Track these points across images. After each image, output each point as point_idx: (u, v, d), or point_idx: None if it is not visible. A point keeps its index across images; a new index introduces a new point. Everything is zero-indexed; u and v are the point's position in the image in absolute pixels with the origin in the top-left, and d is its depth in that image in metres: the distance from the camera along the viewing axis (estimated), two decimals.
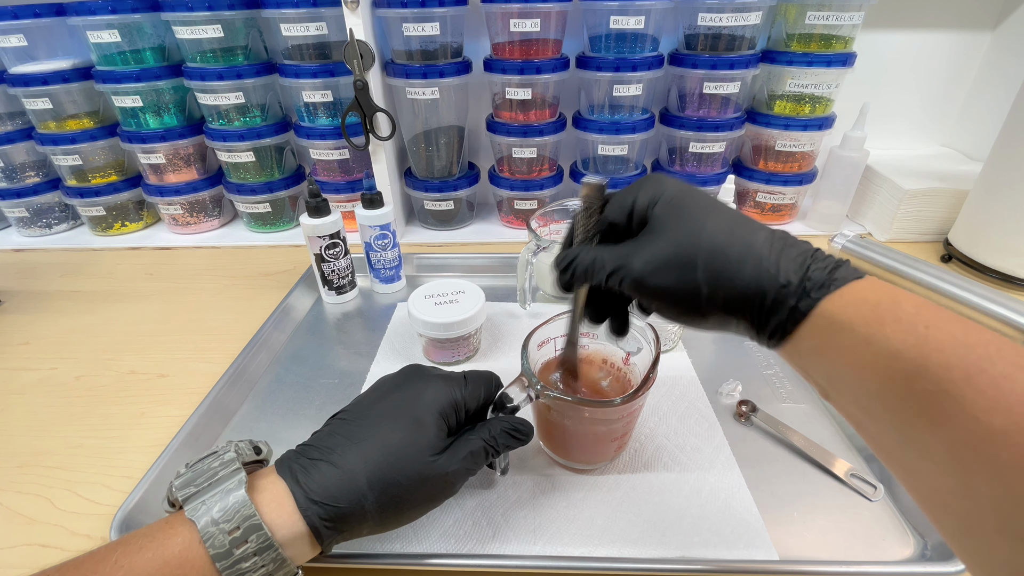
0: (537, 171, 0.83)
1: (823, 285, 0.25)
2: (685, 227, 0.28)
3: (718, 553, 0.37)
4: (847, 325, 0.24)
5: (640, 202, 0.30)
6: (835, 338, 0.25)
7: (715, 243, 0.27)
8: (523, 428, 0.37)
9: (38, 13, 0.76)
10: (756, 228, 0.28)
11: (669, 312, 0.30)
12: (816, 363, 0.26)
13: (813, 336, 0.26)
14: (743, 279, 0.26)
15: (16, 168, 0.87)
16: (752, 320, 0.27)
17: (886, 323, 0.23)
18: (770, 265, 0.26)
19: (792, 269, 0.26)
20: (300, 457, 0.32)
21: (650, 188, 0.30)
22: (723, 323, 0.28)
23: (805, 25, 0.73)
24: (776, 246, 0.27)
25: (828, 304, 0.25)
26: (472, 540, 0.39)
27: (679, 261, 0.28)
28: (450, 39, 0.74)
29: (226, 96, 0.78)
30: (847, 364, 0.24)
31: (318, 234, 0.62)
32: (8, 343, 0.63)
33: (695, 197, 0.29)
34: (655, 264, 0.28)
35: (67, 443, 0.49)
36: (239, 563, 0.28)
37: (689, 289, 0.27)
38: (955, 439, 0.21)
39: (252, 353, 0.57)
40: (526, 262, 0.59)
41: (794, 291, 0.26)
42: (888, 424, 0.24)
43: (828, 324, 0.25)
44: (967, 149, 0.88)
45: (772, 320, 0.26)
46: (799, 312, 0.26)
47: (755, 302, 0.26)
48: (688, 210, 0.29)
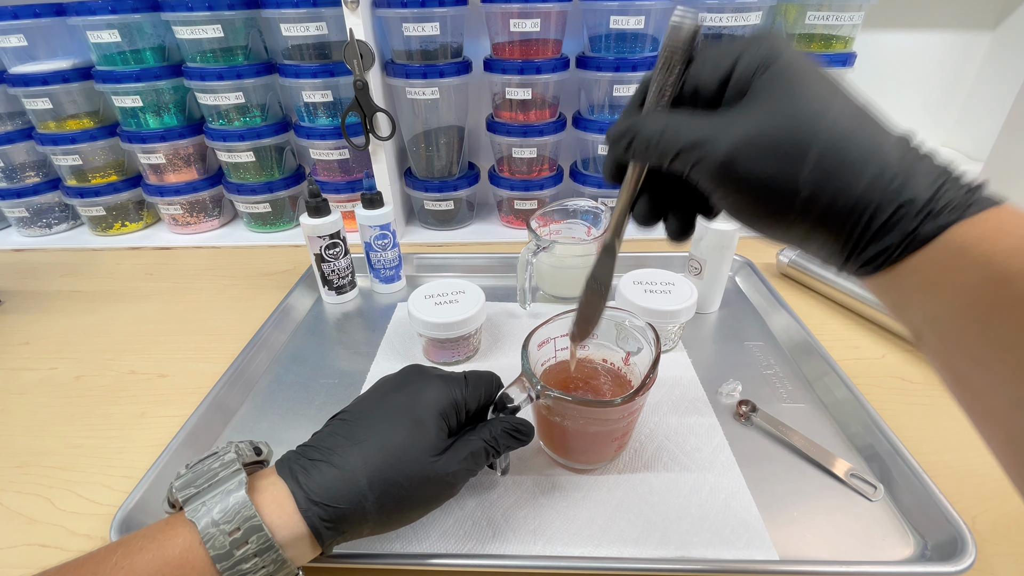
0: (537, 171, 0.83)
1: (958, 207, 0.21)
2: (802, 104, 0.22)
3: (718, 553, 0.37)
4: (983, 258, 0.20)
5: (744, 64, 0.23)
6: (961, 273, 0.20)
7: (837, 132, 0.22)
8: (524, 428, 0.37)
9: (38, 13, 0.76)
10: (887, 128, 0.23)
11: (749, 212, 0.24)
12: (922, 301, 0.22)
13: (927, 268, 0.21)
14: (859, 185, 0.21)
15: (16, 168, 0.87)
16: (849, 239, 0.22)
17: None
18: (897, 176, 0.21)
19: (922, 185, 0.21)
20: (300, 458, 0.32)
21: (760, 49, 0.23)
22: (809, 236, 0.23)
23: (805, 25, 0.73)
24: (910, 154, 0.22)
25: (962, 230, 0.20)
26: (472, 540, 0.39)
27: (786, 145, 0.22)
28: (450, 39, 0.74)
29: (226, 96, 0.78)
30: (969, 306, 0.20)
31: (318, 234, 0.62)
32: (8, 343, 0.63)
33: (819, 72, 0.23)
34: (752, 144, 0.22)
35: (67, 443, 0.49)
36: (240, 564, 0.28)
37: (788, 185, 0.22)
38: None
39: (252, 353, 0.57)
40: (526, 262, 0.59)
41: (917, 210, 0.21)
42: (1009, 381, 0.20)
43: (956, 256, 0.20)
44: (967, 149, 0.88)
45: (877, 243, 0.22)
46: (918, 237, 0.21)
47: (864, 217, 0.22)
48: (808, 85, 0.23)
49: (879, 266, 0.22)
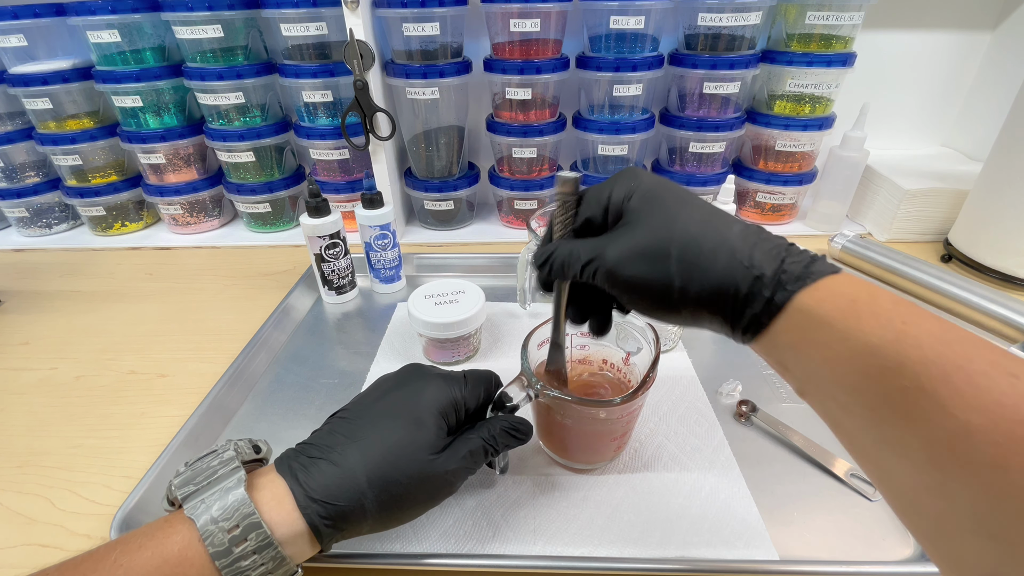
0: (537, 171, 0.83)
1: (799, 278, 0.25)
2: (659, 218, 0.28)
3: (718, 553, 0.37)
4: (824, 319, 0.24)
5: (616, 195, 0.30)
6: (811, 332, 0.24)
7: (688, 234, 0.27)
8: (522, 427, 0.37)
9: (38, 13, 0.76)
10: (730, 221, 0.28)
11: (642, 305, 0.29)
12: (792, 358, 0.26)
13: (789, 330, 0.25)
14: (716, 271, 0.26)
15: (16, 168, 0.87)
16: (726, 313, 0.27)
17: (863, 318, 0.23)
18: (744, 257, 0.26)
19: (767, 261, 0.26)
20: (300, 455, 0.32)
21: (625, 181, 0.30)
22: (696, 317, 0.28)
23: (805, 25, 0.73)
24: (750, 239, 0.27)
25: (804, 297, 0.24)
26: (472, 540, 0.39)
27: (652, 252, 0.27)
28: (450, 39, 0.74)
29: (226, 96, 0.78)
30: (823, 359, 0.24)
31: (318, 234, 0.62)
32: (8, 343, 0.63)
33: (670, 190, 0.29)
34: (628, 255, 0.28)
35: (67, 443, 0.49)
36: (238, 561, 0.28)
37: (662, 281, 0.27)
38: (931, 437, 0.21)
39: (252, 353, 0.57)
40: (526, 262, 0.59)
41: (769, 283, 0.25)
42: (864, 421, 0.23)
43: (804, 318, 0.24)
44: (967, 149, 0.88)
45: (747, 313, 0.26)
46: (774, 305, 0.25)
47: (728, 294, 0.26)
48: (663, 202, 0.29)
49: (755, 332, 0.26)
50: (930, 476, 0.21)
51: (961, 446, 0.20)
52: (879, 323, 0.23)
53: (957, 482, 0.20)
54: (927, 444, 0.21)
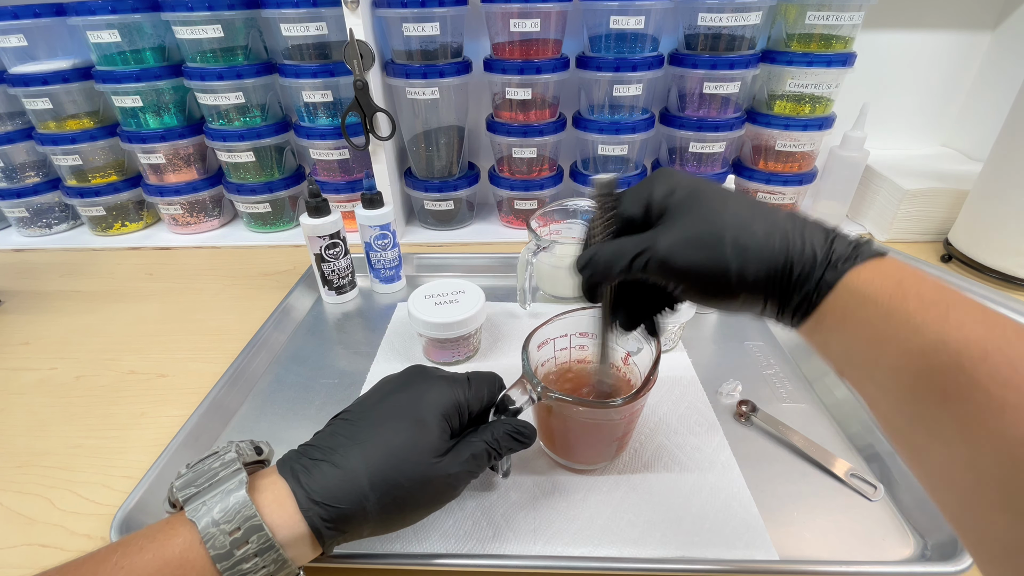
0: (537, 171, 0.83)
1: (848, 258, 0.26)
2: (708, 208, 0.29)
3: (718, 553, 0.38)
4: (871, 298, 0.25)
5: (657, 194, 0.30)
6: (858, 311, 0.25)
7: (741, 220, 0.28)
8: (525, 431, 0.37)
9: (38, 13, 0.76)
10: (775, 209, 0.29)
11: (698, 292, 0.30)
12: (835, 338, 0.27)
13: (836, 310, 0.26)
14: (772, 252, 0.27)
15: (16, 168, 0.87)
16: (779, 294, 0.27)
17: (909, 298, 0.24)
18: (796, 238, 0.27)
19: (818, 242, 0.27)
20: (302, 457, 0.32)
21: (665, 180, 0.31)
22: (750, 301, 0.28)
23: (805, 25, 0.73)
24: (798, 223, 0.28)
25: (853, 277, 0.25)
26: (472, 540, 0.39)
27: (706, 238, 0.28)
28: (450, 39, 0.74)
29: (226, 96, 0.78)
30: (867, 338, 0.25)
31: (318, 234, 0.62)
32: (8, 343, 0.63)
33: (711, 185, 0.30)
34: (682, 242, 0.28)
35: (67, 443, 0.49)
36: (240, 564, 0.28)
37: (718, 266, 0.28)
38: (965, 413, 0.21)
39: (252, 353, 0.57)
40: (526, 262, 0.59)
41: (821, 263, 0.26)
42: (900, 399, 0.24)
43: (852, 297, 0.25)
44: (967, 149, 0.88)
45: (798, 293, 0.27)
46: (825, 284, 0.26)
47: (783, 275, 0.27)
48: (707, 195, 0.29)
49: (805, 313, 0.27)
50: (961, 452, 0.22)
51: (994, 422, 0.20)
52: (923, 304, 0.23)
53: (987, 457, 0.21)
54: (961, 420, 0.22)
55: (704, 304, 0.30)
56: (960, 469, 0.22)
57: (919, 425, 0.23)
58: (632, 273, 0.30)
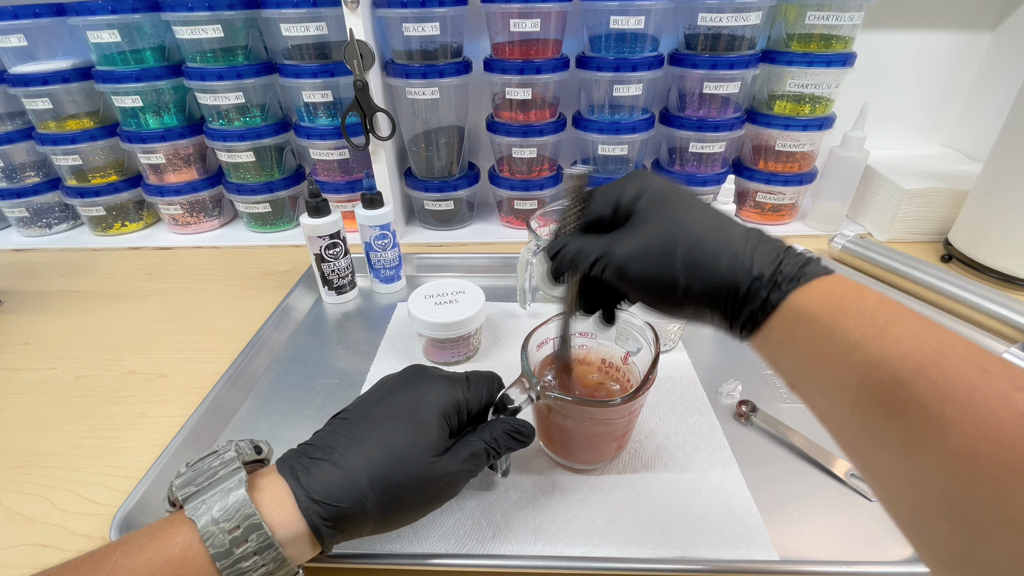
0: (537, 171, 0.83)
1: (793, 279, 0.27)
2: (667, 220, 0.30)
3: (718, 553, 0.38)
4: (813, 317, 0.25)
5: (625, 196, 0.32)
6: (802, 329, 0.26)
7: (694, 236, 0.29)
8: (524, 430, 0.37)
9: (38, 13, 0.76)
10: (733, 225, 0.29)
11: (647, 300, 0.31)
12: (784, 354, 0.27)
13: (782, 327, 0.27)
14: (719, 271, 0.28)
15: (16, 168, 0.87)
16: (725, 311, 0.28)
17: (849, 316, 0.24)
18: (745, 259, 0.28)
19: (765, 263, 0.27)
20: (301, 456, 0.32)
21: (635, 183, 0.32)
22: (698, 313, 0.30)
23: (805, 25, 0.73)
24: (751, 242, 0.28)
25: (797, 297, 0.26)
26: (472, 540, 0.39)
27: (659, 251, 0.29)
28: (450, 39, 0.74)
29: (226, 96, 0.78)
30: (812, 355, 0.26)
31: (318, 234, 0.62)
32: (8, 343, 0.63)
33: (678, 193, 0.31)
34: (637, 253, 0.30)
35: (67, 443, 0.49)
36: (239, 562, 0.28)
37: (667, 279, 0.29)
38: (907, 427, 0.22)
39: (252, 353, 0.57)
40: (526, 262, 0.59)
41: (766, 283, 0.27)
42: (848, 414, 0.25)
43: (796, 316, 0.26)
44: (967, 149, 0.88)
45: (744, 311, 0.28)
46: (769, 303, 0.27)
47: (729, 293, 0.28)
48: (670, 205, 0.30)
49: (752, 329, 0.28)
50: (906, 465, 0.22)
51: (933, 435, 0.21)
52: (863, 321, 0.24)
53: (930, 470, 0.21)
54: (903, 434, 0.22)
55: (654, 312, 0.32)
56: (906, 481, 0.22)
57: (866, 438, 0.24)
58: (592, 272, 0.32)
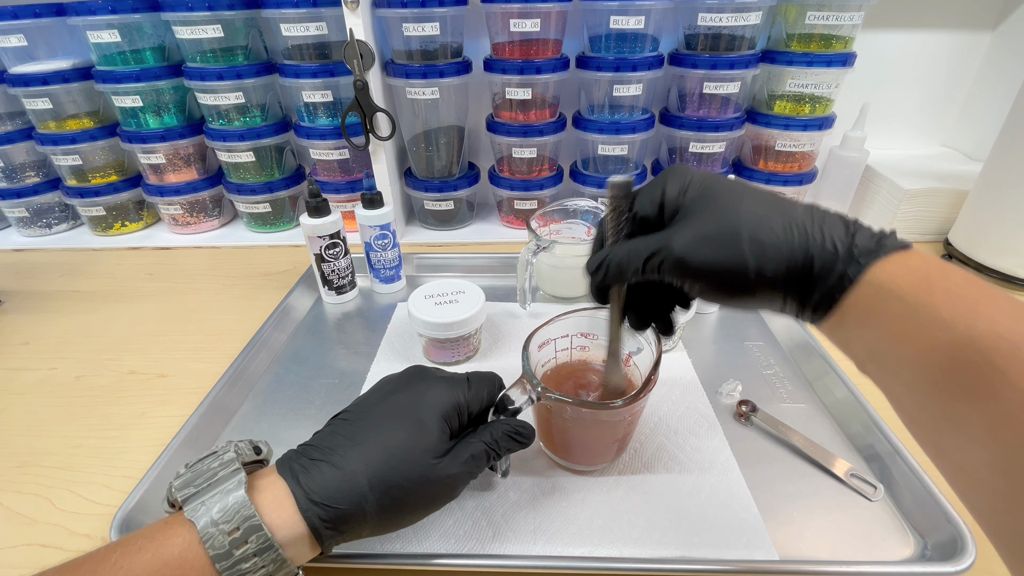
0: (537, 171, 0.83)
1: (871, 252, 0.25)
2: (723, 205, 0.28)
3: (718, 553, 0.37)
4: (895, 293, 0.24)
5: (670, 192, 0.30)
6: (882, 306, 0.24)
7: (756, 216, 0.27)
8: (524, 431, 0.37)
9: (38, 13, 0.76)
10: (792, 202, 0.28)
11: (715, 291, 0.29)
12: (860, 334, 0.26)
13: (859, 305, 0.25)
14: (790, 247, 0.26)
15: (16, 168, 0.87)
16: (799, 290, 0.27)
17: (936, 293, 0.23)
18: (815, 233, 0.26)
19: (838, 236, 0.26)
20: (301, 457, 0.32)
21: (677, 178, 0.30)
22: (769, 298, 0.28)
23: (805, 25, 0.73)
24: (817, 216, 0.27)
25: (876, 271, 0.25)
26: (472, 540, 0.39)
27: (723, 235, 0.27)
28: (450, 39, 0.74)
29: (226, 96, 0.78)
30: (892, 334, 0.24)
31: (318, 234, 0.62)
32: (8, 343, 0.63)
33: (725, 181, 0.30)
34: (698, 241, 0.28)
35: (67, 443, 0.49)
36: (239, 564, 0.28)
37: (736, 263, 0.27)
38: (996, 411, 0.21)
39: (252, 353, 0.57)
40: (526, 262, 0.59)
41: (843, 257, 0.25)
42: (927, 397, 0.23)
43: (875, 292, 0.24)
44: (967, 149, 0.88)
45: (819, 289, 0.26)
46: (847, 279, 0.25)
47: (803, 271, 0.26)
48: (721, 191, 0.29)
49: (827, 309, 0.26)
50: (990, 451, 0.21)
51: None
52: (951, 298, 0.23)
53: (1018, 455, 0.20)
54: (990, 419, 0.21)
55: (722, 303, 0.30)
56: (990, 469, 0.21)
57: (946, 423, 0.23)
58: (646, 274, 0.30)
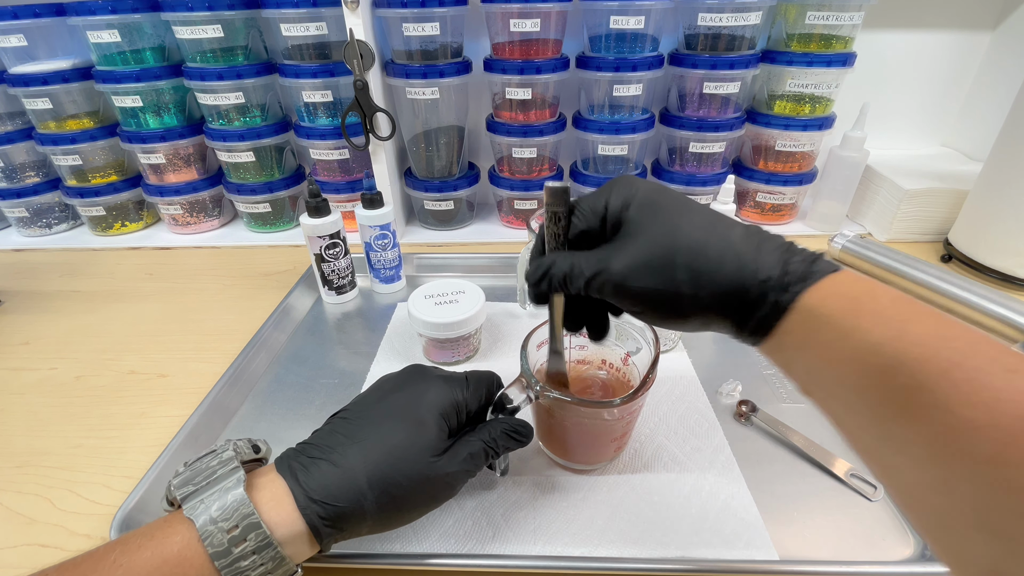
0: (537, 171, 0.83)
1: (802, 278, 0.25)
2: (662, 227, 0.28)
3: (718, 553, 0.37)
4: (826, 318, 0.24)
5: (613, 205, 0.30)
6: (815, 332, 0.25)
7: (693, 242, 0.27)
8: (523, 430, 0.37)
9: (38, 13, 0.76)
10: (731, 224, 0.28)
11: (651, 315, 0.29)
12: (796, 358, 0.26)
13: (794, 330, 0.25)
14: (724, 276, 0.26)
15: (16, 168, 0.87)
16: (734, 317, 0.27)
17: (863, 316, 0.23)
18: (749, 261, 0.26)
19: (771, 263, 0.26)
20: (300, 455, 0.32)
21: (622, 190, 0.30)
22: (705, 323, 0.28)
23: (805, 25, 0.73)
24: (752, 241, 0.27)
25: (808, 297, 0.25)
26: (472, 540, 0.39)
27: (660, 262, 0.27)
28: (450, 39, 0.74)
29: (226, 96, 0.78)
30: (826, 358, 0.24)
31: (318, 234, 0.62)
32: (8, 343, 0.63)
33: (669, 197, 0.29)
34: (636, 267, 0.28)
35: (67, 443, 0.49)
36: (238, 561, 0.28)
37: (671, 290, 0.27)
38: (932, 433, 0.21)
39: (252, 353, 0.57)
40: (526, 262, 0.59)
41: (774, 285, 0.26)
42: (866, 419, 0.23)
43: (808, 318, 0.25)
44: (967, 149, 0.88)
45: (754, 316, 0.26)
46: (780, 306, 0.25)
47: (737, 299, 0.26)
48: (663, 210, 0.29)
49: (763, 334, 0.27)
50: (932, 472, 0.21)
51: (961, 442, 0.20)
52: (879, 321, 0.23)
53: (958, 478, 0.20)
54: (928, 440, 0.21)
55: (659, 325, 0.30)
56: (932, 490, 0.21)
57: (888, 445, 0.23)
58: (587, 292, 0.30)
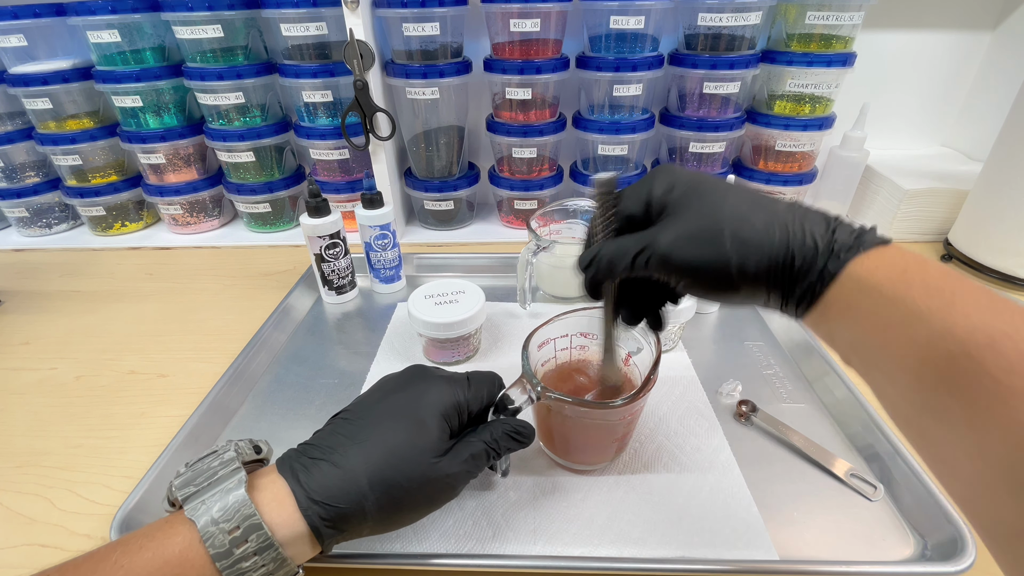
0: (537, 171, 0.83)
1: (851, 247, 0.26)
2: (707, 203, 0.29)
3: (718, 553, 0.37)
4: (875, 287, 0.24)
5: (657, 191, 0.31)
6: (862, 300, 0.25)
7: (739, 213, 0.28)
8: (524, 430, 0.37)
9: (38, 13, 0.76)
10: (775, 200, 0.29)
11: (699, 287, 0.30)
12: (842, 327, 0.27)
13: (840, 299, 0.26)
14: (771, 244, 0.27)
15: (16, 168, 0.87)
16: (781, 286, 0.27)
17: (914, 286, 0.24)
18: (796, 229, 0.27)
19: (819, 232, 0.27)
20: (301, 456, 0.32)
21: (664, 177, 0.31)
22: (753, 294, 0.28)
23: (805, 25, 0.73)
24: (798, 213, 0.28)
25: (856, 266, 0.25)
26: (472, 540, 0.39)
27: (706, 233, 0.28)
28: (450, 39, 0.74)
29: (226, 96, 0.78)
30: (872, 327, 0.25)
31: (318, 234, 0.62)
32: (8, 343, 0.63)
33: (711, 180, 0.30)
34: (682, 238, 0.29)
35: (67, 443, 0.49)
36: (239, 563, 0.28)
37: (719, 260, 0.28)
38: (972, 399, 0.21)
39: (252, 353, 0.57)
40: (526, 262, 0.59)
41: (823, 252, 0.26)
42: (908, 387, 0.24)
43: (856, 286, 0.25)
44: (967, 149, 0.88)
45: (801, 284, 0.27)
46: (828, 274, 0.26)
47: (784, 267, 0.27)
48: (706, 190, 0.29)
49: (809, 304, 0.27)
50: (969, 439, 0.22)
51: (1001, 409, 0.20)
52: (928, 291, 0.23)
53: (996, 444, 0.21)
54: (968, 408, 0.21)
55: (707, 298, 0.30)
56: (968, 456, 0.22)
57: (927, 413, 0.23)
58: (635, 271, 0.30)
